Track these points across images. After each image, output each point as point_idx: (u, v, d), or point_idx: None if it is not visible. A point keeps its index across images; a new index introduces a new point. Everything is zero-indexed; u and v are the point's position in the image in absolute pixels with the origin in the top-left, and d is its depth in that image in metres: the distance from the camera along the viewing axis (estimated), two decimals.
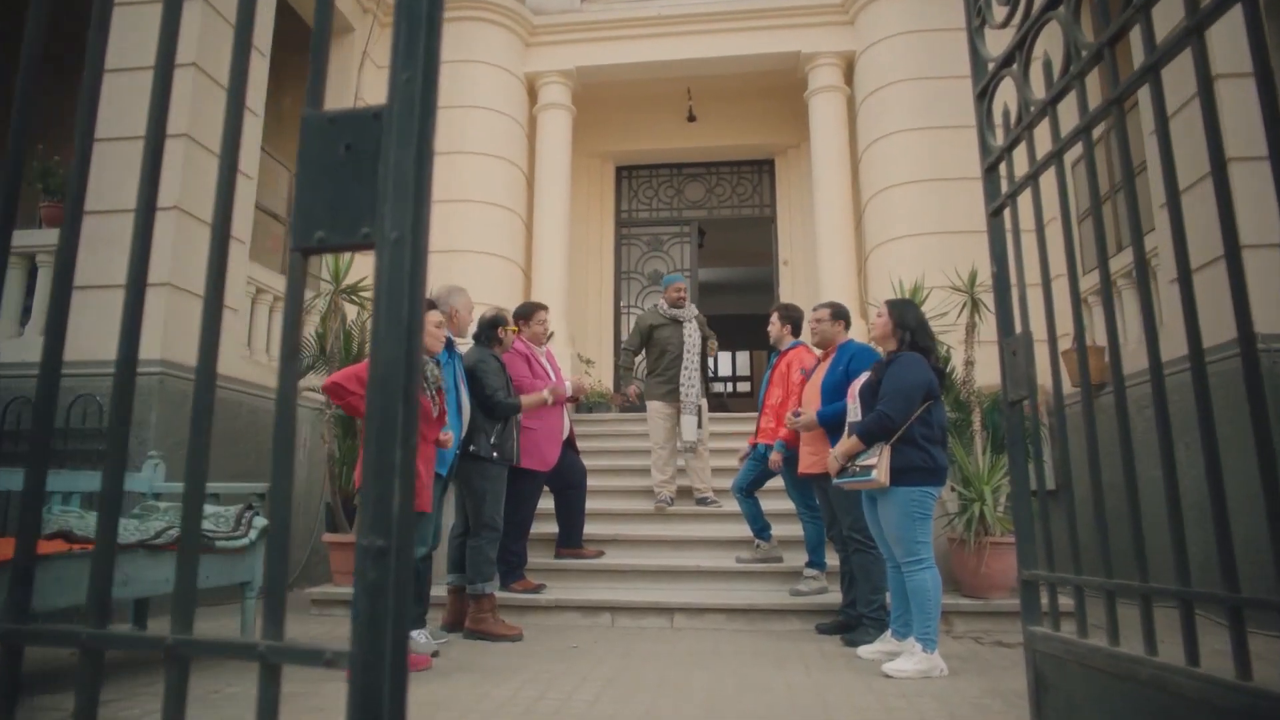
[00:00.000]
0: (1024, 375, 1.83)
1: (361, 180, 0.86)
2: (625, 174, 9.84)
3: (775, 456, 4.49)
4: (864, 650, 3.62)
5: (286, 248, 6.52)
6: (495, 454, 4.08)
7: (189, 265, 5.03)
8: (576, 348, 8.32)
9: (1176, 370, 4.17)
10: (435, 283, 4.24)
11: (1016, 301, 1.92)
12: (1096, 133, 2.21)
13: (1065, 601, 2.52)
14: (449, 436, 3.62)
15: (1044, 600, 1.91)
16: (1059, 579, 1.79)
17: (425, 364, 3.37)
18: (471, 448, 4.02)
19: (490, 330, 4.34)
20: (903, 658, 3.30)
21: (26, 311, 5.14)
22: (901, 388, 3.37)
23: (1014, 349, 1.88)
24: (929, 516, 3.41)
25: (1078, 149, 2.15)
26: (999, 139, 2.09)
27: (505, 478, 4.18)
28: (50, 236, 5.09)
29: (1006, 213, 2.03)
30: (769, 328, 4.82)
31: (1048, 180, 1.86)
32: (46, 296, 5.07)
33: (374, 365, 0.79)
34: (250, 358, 5.77)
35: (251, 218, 5.77)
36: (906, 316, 3.57)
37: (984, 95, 2.12)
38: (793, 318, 4.81)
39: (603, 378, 8.72)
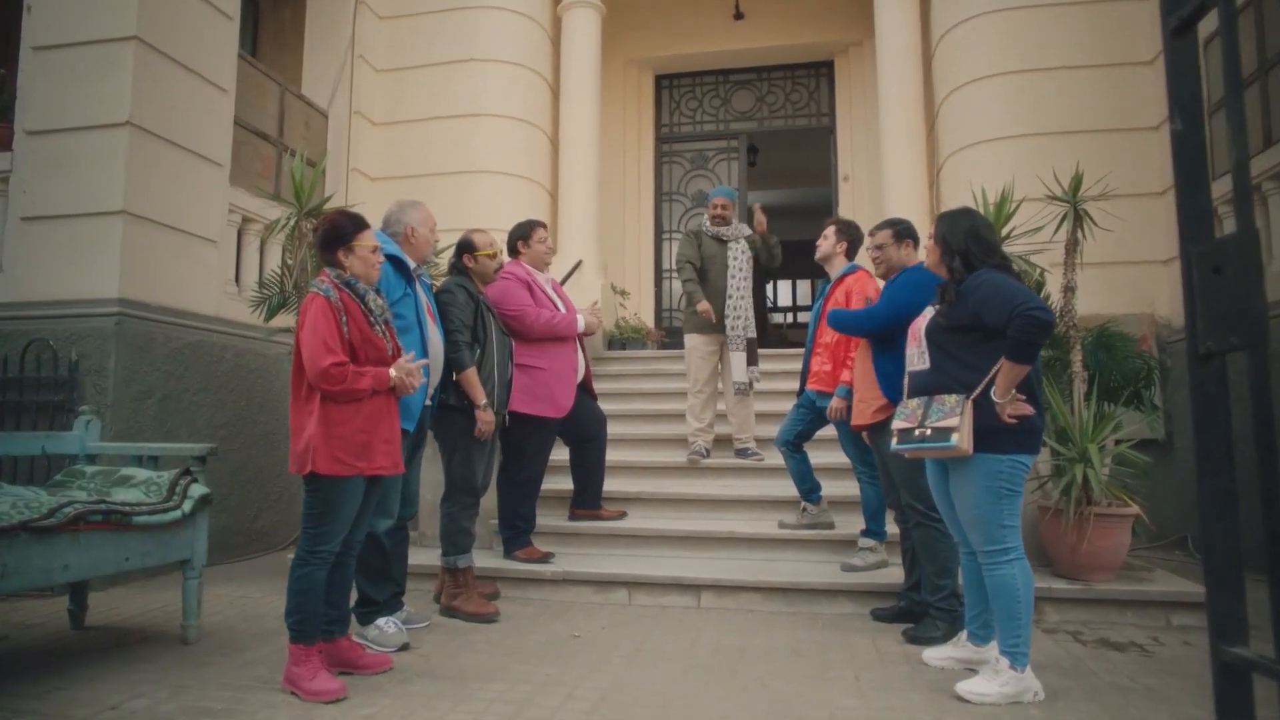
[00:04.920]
0: (1240, 308, 0.97)
1: None
2: (665, 83, 8.80)
3: (838, 402, 3.70)
4: (931, 655, 2.86)
5: (278, 171, 5.89)
6: (465, 401, 3.41)
7: (148, 190, 4.40)
8: (610, 278, 7.54)
9: None
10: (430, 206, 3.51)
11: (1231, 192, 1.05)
12: None
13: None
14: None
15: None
16: None
17: (365, 293, 2.65)
18: (443, 395, 3.35)
19: (456, 258, 3.62)
20: (983, 676, 2.53)
21: None
22: (1003, 292, 2.47)
23: (1216, 264, 0.99)
24: (1018, 493, 2.58)
25: None
26: None
27: None
28: (3, 161, 4.52)
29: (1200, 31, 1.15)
30: (819, 241, 3.96)
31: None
32: (3, 228, 4.62)
33: None
34: (239, 295, 5.19)
35: (230, 136, 5.11)
36: (954, 232, 2.68)
37: None
38: (851, 236, 3.93)
39: (639, 310, 7.94)
